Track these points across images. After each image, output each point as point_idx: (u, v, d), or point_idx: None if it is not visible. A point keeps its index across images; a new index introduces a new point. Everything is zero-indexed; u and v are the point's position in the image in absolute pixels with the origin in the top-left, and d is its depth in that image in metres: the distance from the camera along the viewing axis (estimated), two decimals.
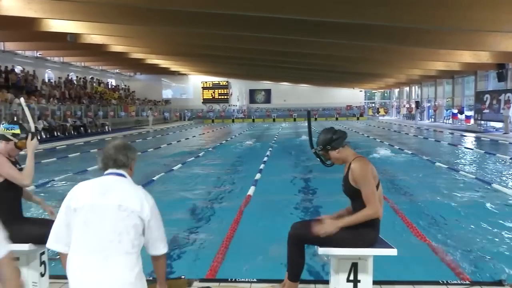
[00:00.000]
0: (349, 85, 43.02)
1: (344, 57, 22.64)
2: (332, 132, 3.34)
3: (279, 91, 46.97)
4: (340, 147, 3.28)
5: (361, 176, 3.07)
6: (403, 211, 6.11)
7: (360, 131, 23.86)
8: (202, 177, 9.63)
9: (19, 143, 3.43)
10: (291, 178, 9.40)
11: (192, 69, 40.96)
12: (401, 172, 9.84)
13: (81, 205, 2.29)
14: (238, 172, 10.43)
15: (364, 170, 3.08)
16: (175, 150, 15.63)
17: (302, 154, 13.84)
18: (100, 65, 37.36)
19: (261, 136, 21.46)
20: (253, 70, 34.70)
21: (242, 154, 14.22)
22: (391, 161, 11.80)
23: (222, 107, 46.43)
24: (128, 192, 2.35)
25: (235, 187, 8.54)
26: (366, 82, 40.43)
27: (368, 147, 14.90)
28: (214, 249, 4.61)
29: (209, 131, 27.87)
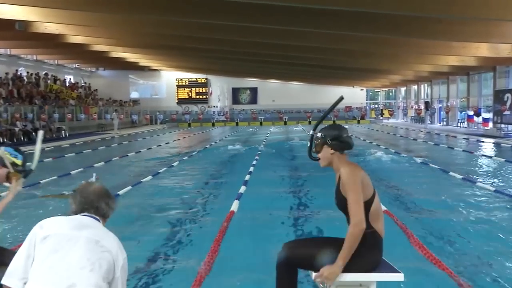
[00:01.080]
0: (348, 83, 43.38)
1: (343, 51, 22.83)
2: (345, 132, 3.40)
3: (267, 90, 47.16)
4: (338, 152, 3.32)
5: (347, 181, 3.12)
6: (410, 228, 6.14)
7: (361, 136, 24.04)
8: (177, 191, 9.58)
9: (12, 174, 3.46)
10: (280, 190, 9.39)
11: (164, 64, 40.87)
12: (408, 183, 9.92)
13: (53, 233, 2.37)
14: (219, 185, 10.40)
15: (352, 176, 3.12)
16: (145, 159, 15.54)
17: (294, 162, 13.86)
18: (56, 59, 37.05)
19: (246, 142, 21.44)
20: (237, 65, 34.76)
21: (224, 164, 14.20)
22: (397, 171, 11.89)
23: (200, 109, 46.36)
24: (106, 234, 2.49)
25: (215, 202, 8.52)
26: (368, 80, 40.82)
27: (370, 155, 14.99)
28: (191, 277, 4.57)
29: (185, 136, 27.77)
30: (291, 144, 20.17)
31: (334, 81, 42.44)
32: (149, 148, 19.30)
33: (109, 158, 15.16)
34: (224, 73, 43.93)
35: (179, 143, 22.88)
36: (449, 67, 25.94)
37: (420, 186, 9.66)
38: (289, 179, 10.88)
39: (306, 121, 42.04)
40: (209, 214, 7.64)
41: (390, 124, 37.60)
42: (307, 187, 9.65)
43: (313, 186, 9.66)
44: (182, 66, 41.43)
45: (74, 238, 2.36)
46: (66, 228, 2.41)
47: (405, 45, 20.44)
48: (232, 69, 39.18)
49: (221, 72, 42.93)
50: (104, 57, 33.44)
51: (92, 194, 2.62)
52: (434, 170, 11.84)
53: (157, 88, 47.53)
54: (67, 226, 2.43)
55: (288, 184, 10.19)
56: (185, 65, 40.01)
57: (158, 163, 14.29)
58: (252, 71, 39.85)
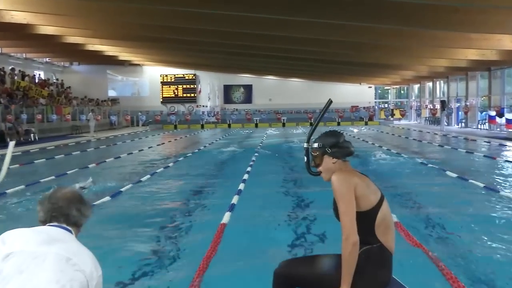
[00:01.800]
0: (355, 79, 43.50)
1: (348, 43, 22.89)
2: (342, 137, 3.43)
3: (263, 88, 47.22)
4: (340, 160, 3.34)
5: (335, 189, 3.13)
6: (424, 243, 6.12)
7: (368, 140, 24.07)
8: (161, 201, 9.54)
9: None
10: (277, 201, 9.39)
11: (147, 58, 40.85)
12: (423, 193, 9.91)
13: (17, 250, 2.29)
14: (209, 194, 10.37)
15: (342, 183, 3.12)
16: (125, 165, 15.50)
17: (293, 169, 13.84)
18: (24, 52, 36.98)
19: (240, 147, 21.42)
20: (229, 59, 34.79)
21: (215, 170, 14.20)
22: (409, 178, 11.88)
23: (188, 109, 46.33)
24: (79, 249, 2.42)
25: (204, 214, 8.49)
26: (377, 76, 40.93)
27: (379, 160, 14.98)
28: None
29: (171, 140, 27.72)
30: (290, 149, 20.13)
31: (339, 77, 42.54)
32: (130, 153, 19.23)
33: (85, 165, 15.09)
34: (215, 69, 43.94)
35: (164, 148, 22.82)
36: (468, 61, 26.03)
37: (436, 196, 9.65)
38: (288, 188, 10.85)
39: (307, 122, 42.08)
40: (197, 227, 7.60)
41: (401, 126, 37.69)
42: (308, 198, 9.62)
43: (315, 197, 9.63)
44: (167, 60, 41.41)
45: (41, 256, 2.28)
46: (32, 244, 2.33)
47: (419, 37, 20.51)
48: (223, 64, 39.20)
49: (212, 67, 42.94)
50: (78, 50, 33.37)
51: (62, 199, 2.55)
52: (452, 177, 11.83)
53: (139, 86, 47.51)
54: (33, 240, 2.35)
55: (286, 194, 10.16)
56: (170, 59, 40.00)
57: (139, 169, 14.25)
58: (246, 66, 39.89)
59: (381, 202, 3.17)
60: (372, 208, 3.13)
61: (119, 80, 47.74)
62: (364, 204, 3.11)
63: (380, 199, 3.17)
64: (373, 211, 3.13)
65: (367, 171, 9.64)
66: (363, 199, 3.11)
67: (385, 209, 3.18)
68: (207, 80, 46.67)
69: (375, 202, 3.15)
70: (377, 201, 3.16)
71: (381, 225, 3.14)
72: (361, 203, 3.10)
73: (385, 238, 3.15)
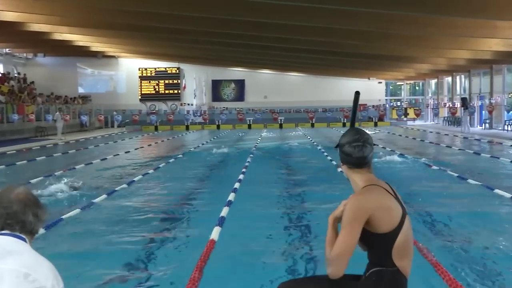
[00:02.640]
0: (362, 74, 43.59)
1: (355, 33, 22.92)
2: (354, 140, 3.31)
3: (257, 83, 47.25)
4: (346, 166, 3.31)
5: (344, 215, 3.10)
6: (443, 263, 6.11)
7: (378, 143, 24.04)
8: (140, 214, 9.51)
9: None
10: (273, 212, 9.40)
11: (124, 48, 40.79)
12: (442, 204, 9.91)
13: None
14: (195, 206, 10.34)
15: (354, 210, 3.08)
16: (98, 173, 15.45)
17: (292, 178, 13.82)
18: None
19: (230, 151, 21.38)
20: (218, 51, 34.78)
21: (201, 178, 14.19)
22: (426, 188, 11.88)
23: (171, 107, 46.30)
24: (37, 260, 2.38)
25: (190, 229, 8.47)
26: (388, 70, 41.02)
27: (390, 168, 14.99)
28: None
29: (151, 143, 27.66)
30: (289, 154, 20.11)
31: (344, 71, 42.61)
32: (104, 159, 19.16)
33: (51, 172, 14.97)
34: (202, 61, 43.92)
35: (143, 152, 22.77)
36: (493, 53, 26.14)
37: (456, 206, 9.66)
38: (285, 199, 10.84)
39: (308, 123, 42.11)
40: (182, 244, 7.57)
41: (416, 127, 37.76)
42: (308, 212, 9.59)
43: (316, 212, 9.60)
44: (146, 51, 41.34)
45: None
46: None
47: (436, 25, 20.55)
48: (212, 56, 39.18)
49: (198, 59, 42.92)
50: (44, 40, 33.26)
51: (16, 203, 2.48)
52: (475, 187, 11.83)
53: (114, 81, 47.48)
54: None
55: (284, 207, 10.13)
56: (150, 50, 39.94)
57: (114, 178, 14.20)
58: (238, 59, 39.89)
59: (402, 222, 3.12)
60: (392, 231, 3.08)
61: (91, 75, 47.67)
62: (383, 227, 3.06)
63: (401, 219, 3.12)
64: (393, 234, 3.08)
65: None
66: (383, 222, 3.07)
67: (406, 230, 3.13)
68: (192, 74, 46.65)
69: (396, 223, 3.10)
70: (398, 221, 3.11)
71: (399, 249, 3.10)
72: (379, 226, 3.05)
73: (402, 263, 3.12)
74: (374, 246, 3.07)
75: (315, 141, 25.50)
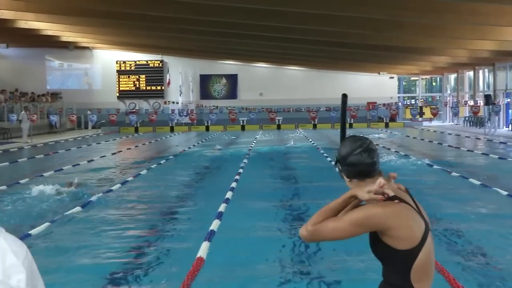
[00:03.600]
0: (372, 68, 43.64)
1: (363, 20, 22.96)
2: (357, 148, 3.27)
3: (252, 79, 47.20)
4: (355, 180, 3.26)
5: (357, 211, 3.08)
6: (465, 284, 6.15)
7: (390, 147, 24.09)
8: (119, 228, 9.54)
9: None
10: (270, 225, 9.45)
11: (99, 39, 40.72)
12: (463, 216, 9.96)
13: None
14: (181, 219, 10.36)
15: (367, 214, 3.05)
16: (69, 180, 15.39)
17: (290, 189, 13.84)
18: None
19: (220, 156, 21.40)
20: (207, 41, 34.77)
21: (188, 188, 14.20)
22: (445, 198, 11.92)
23: (154, 106, 46.21)
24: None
25: (175, 244, 8.49)
26: (401, 63, 41.08)
27: (404, 174, 15.01)
28: None
29: (130, 147, 27.62)
30: (288, 160, 20.12)
31: (351, 65, 42.65)
32: (76, 165, 19.10)
33: (14, 180, 14.95)
34: (189, 53, 43.89)
35: (121, 157, 22.71)
36: None
37: (479, 220, 9.69)
38: (283, 212, 10.85)
39: (309, 124, 42.08)
40: (167, 261, 7.59)
41: (433, 129, 37.74)
42: None
43: None
44: (125, 42, 41.31)
45: None
46: None
47: (455, 11, 20.61)
48: (200, 47, 39.18)
49: (184, 51, 42.89)
50: (6, 29, 33.16)
51: None
52: (502, 196, 11.88)
53: (89, 76, 47.36)
54: None
55: (282, 221, 10.14)
56: (129, 40, 39.91)
57: (89, 187, 14.12)
58: (230, 50, 39.89)
59: (424, 240, 3.10)
60: (413, 248, 3.07)
61: (61, 69, 47.52)
62: (401, 243, 3.04)
63: (423, 235, 3.11)
64: (413, 252, 3.06)
65: None
66: (401, 238, 3.03)
67: (428, 248, 3.11)
68: (178, 68, 46.58)
69: (417, 240, 3.08)
70: (420, 238, 3.09)
71: (419, 270, 3.09)
72: (397, 242, 3.03)
73: (421, 285, 3.11)
74: (390, 263, 3.06)
75: (318, 144, 25.49)
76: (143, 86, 47.01)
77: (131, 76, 47.02)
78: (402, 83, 50.05)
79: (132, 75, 47.02)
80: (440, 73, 46.35)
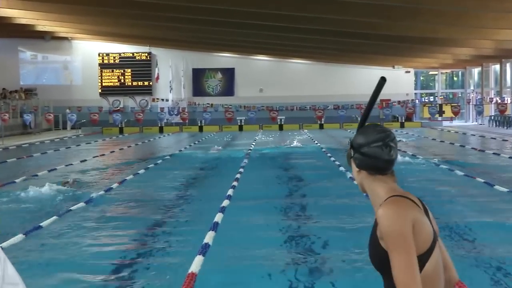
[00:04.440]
0: (385, 61, 43.68)
1: (376, 8, 22.98)
2: (377, 138, 3.27)
3: (251, 73, 47.23)
4: (366, 172, 3.25)
5: (389, 234, 3.02)
6: None
7: (406, 149, 24.07)
8: (102, 242, 9.53)
9: None
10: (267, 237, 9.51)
11: (79, 28, 40.76)
12: (489, 227, 9.95)
13: None
14: (172, 230, 10.36)
15: (397, 226, 3.02)
16: (42, 190, 15.34)
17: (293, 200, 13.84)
18: None
19: (214, 161, 21.41)
20: (201, 31, 34.77)
21: (179, 196, 14.24)
22: (467, 205, 11.93)
23: (141, 104, 46.21)
24: None
25: (166, 257, 8.52)
26: (418, 56, 41.12)
27: (420, 180, 15.01)
28: None
29: (114, 150, 27.60)
30: (291, 164, 20.13)
31: (362, 58, 42.70)
32: (52, 170, 19.09)
33: None
34: (180, 45, 43.92)
35: (104, 162, 22.71)
36: None
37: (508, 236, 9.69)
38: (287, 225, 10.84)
39: (315, 124, 42.07)
40: (156, 278, 7.59)
41: (454, 129, 37.73)
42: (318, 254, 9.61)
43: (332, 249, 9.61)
44: (108, 32, 41.32)
45: None
46: None
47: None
48: (192, 38, 39.19)
49: (175, 43, 42.92)
50: None
51: None
52: None
53: (68, 70, 47.36)
54: None
55: (283, 234, 10.14)
56: (113, 30, 39.93)
57: (63, 196, 14.02)
58: (226, 42, 39.90)
59: (432, 248, 3.10)
60: (423, 254, 3.07)
61: (37, 62, 47.53)
62: (417, 246, 3.05)
63: (432, 244, 3.11)
64: (422, 258, 3.07)
65: None
66: (417, 241, 3.04)
67: (436, 258, 3.12)
68: (167, 61, 46.64)
69: (425, 247, 3.08)
70: (428, 246, 3.09)
71: (428, 278, 3.10)
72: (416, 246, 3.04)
73: None
74: (392, 273, 3.04)
75: (325, 147, 25.44)
76: (128, 82, 47.00)
77: (115, 70, 47.01)
78: (420, 78, 50.11)
79: (116, 69, 47.01)
80: (462, 66, 46.38)
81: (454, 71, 49.72)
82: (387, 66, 45.40)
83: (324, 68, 46.57)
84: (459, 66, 46.42)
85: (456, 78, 51.22)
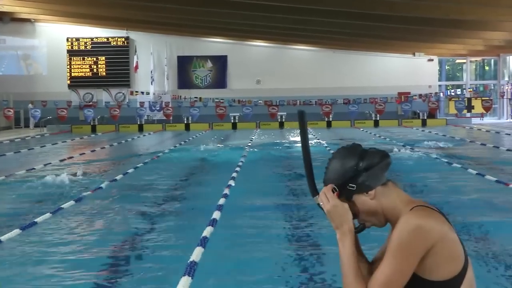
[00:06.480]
0: (405, 47, 43.82)
1: None
2: (358, 154, 3.34)
3: (246, 62, 47.40)
4: (377, 186, 3.29)
5: (402, 239, 3.06)
6: None
7: (427, 151, 24.13)
8: (73, 257, 9.57)
9: None
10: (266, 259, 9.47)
11: (44, 8, 40.81)
12: None
13: None
14: (153, 247, 10.41)
15: (413, 235, 3.07)
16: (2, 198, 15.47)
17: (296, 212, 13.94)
18: None
19: (202, 166, 21.47)
20: (187, 13, 34.86)
21: (162, 206, 14.25)
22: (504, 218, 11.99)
23: (117, 98, 46.30)
24: None
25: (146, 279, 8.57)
26: (443, 42, 41.25)
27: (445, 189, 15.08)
28: None
29: (85, 152, 27.69)
30: (293, 169, 20.21)
31: (377, 44, 42.84)
32: (9, 175, 19.15)
33: None
34: (163, 29, 44.05)
35: (73, 166, 22.74)
36: None
37: None
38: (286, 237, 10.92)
39: (322, 121, 42.02)
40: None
41: (485, 127, 37.76)
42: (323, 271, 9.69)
43: None
44: (79, 13, 41.38)
45: None
46: None
47: None
48: (178, 20, 39.28)
49: (157, 25, 43.03)
50: None
51: None
52: None
53: (30, 57, 47.49)
54: None
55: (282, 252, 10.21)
56: (85, 11, 39.99)
57: (25, 206, 14.17)
58: (217, 24, 40.00)
59: (466, 267, 3.13)
60: (453, 278, 3.09)
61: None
62: (441, 269, 3.03)
63: (464, 262, 3.14)
64: (453, 283, 3.10)
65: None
66: (442, 262, 3.06)
67: (470, 279, 3.15)
68: (148, 47, 46.75)
69: (459, 267, 3.12)
70: (462, 265, 3.12)
71: None
72: (436, 268, 3.06)
73: None
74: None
75: (333, 150, 25.40)
76: (102, 72, 47.18)
77: (86, 58, 47.16)
78: (445, 67, 50.20)
79: (88, 56, 47.17)
80: (495, 54, 46.49)
81: (486, 59, 49.82)
82: (406, 53, 45.54)
83: (333, 56, 46.69)
84: (492, 54, 46.51)
85: (488, 67, 51.31)
